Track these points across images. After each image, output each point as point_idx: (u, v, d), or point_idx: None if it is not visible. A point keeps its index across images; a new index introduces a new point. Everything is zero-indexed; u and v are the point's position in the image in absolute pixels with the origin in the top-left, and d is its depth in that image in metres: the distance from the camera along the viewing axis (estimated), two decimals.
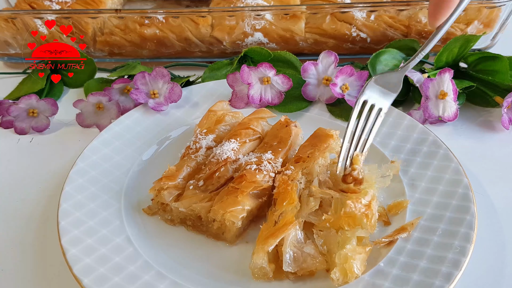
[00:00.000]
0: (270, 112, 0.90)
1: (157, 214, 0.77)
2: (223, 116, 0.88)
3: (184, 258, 0.71)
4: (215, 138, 0.84)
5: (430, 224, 0.71)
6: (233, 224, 0.70)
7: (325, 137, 0.79)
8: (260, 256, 0.65)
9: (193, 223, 0.75)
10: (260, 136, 0.85)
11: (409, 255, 0.67)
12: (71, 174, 0.79)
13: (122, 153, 0.86)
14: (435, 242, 0.68)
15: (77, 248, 0.68)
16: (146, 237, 0.74)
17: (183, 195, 0.75)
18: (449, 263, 0.64)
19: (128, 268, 0.67)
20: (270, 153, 0.78)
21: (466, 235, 0.67)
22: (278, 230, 0.67)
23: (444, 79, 0.91)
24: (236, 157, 0.79)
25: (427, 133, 0.85)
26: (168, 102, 0.94)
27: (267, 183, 0.75)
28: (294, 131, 0.83)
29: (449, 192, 0.75)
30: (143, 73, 0.95)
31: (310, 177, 0.75)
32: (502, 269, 0.70)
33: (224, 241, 0.73)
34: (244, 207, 0.71)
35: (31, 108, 0.96)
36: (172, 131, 0.92)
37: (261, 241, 0.66)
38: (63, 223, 0.71)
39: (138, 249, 0.70)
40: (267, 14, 1.09)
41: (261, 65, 0.94)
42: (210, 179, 0.76)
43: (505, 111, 0.92)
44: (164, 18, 1.10)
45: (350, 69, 0.94)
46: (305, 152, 0.77)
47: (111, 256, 0.68)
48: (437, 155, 0.81)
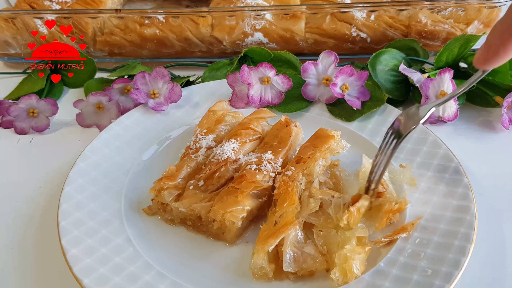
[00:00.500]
0: (270, 112, 0.90)
1: (157, 214, 0.77)
2: (223, 116, 0.88)
3: (185, 258, 0.71)
4: (215, 138, 0.84)
5: (430, 224, 0.71)
6: (233, 224, 0.70)
7: (326, 138, 0.79)
8: (260, 256, 0.65)
9: (193, 223, 0.74)
10: (260, 136, 0.85)
11: (409, 255, 0.67)
12: (71, 174, 0.79)
13: (122, 153, 0.86)
14: (435, 242, 0.68)
15: (77, 248, 0.68)
16: (146, 237, 0.73)
17: (183, 195, 0.75)
18: (449, 263, 0.64)
19: (129, 268, 0.67)
20: (270, 153, 0.78)
21: (466, 235, 0.67)
22: (278, 230, 0.67)
23: (444, 79, 0.91)
24: (236, 157, 0.79)
25: (427, 133, 0.85)
26: (168, 102, 0.94)
27: (267, 183, 0.75)
28: (294, 131, 0.83)
29: (450, 192, 0.75)
30: (143, 73, 0.95)
31: (311, 178, 0.75)
32: (502, 269, 0.70)
33: (224, 241, 0.73)
34: (244, 207, 0.71)
35: (31, 108, 0.96)
36: (172, 131, 0.91)
37: (261, 241, 0.66)
38: (63, 223, 0.71)
39: (138, 249, 0.70)
40: (267, 14, 1.09)
41: (261, 65, 0.94)
42: (210, 179, 0.76)
43: (505, 111, 0.92)
44: (164, 18, 1.10)
45: (350, 69, 0.94)
46: (306, 153, 0.77)
47: (111, 256, 0.68)
48: (437, 155, 0.81)
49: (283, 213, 0.69)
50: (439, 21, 1.09)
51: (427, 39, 1.11)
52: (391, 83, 1.00)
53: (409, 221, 0.72)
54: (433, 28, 1.09)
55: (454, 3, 1.08)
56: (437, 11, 1.09)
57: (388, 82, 1.00)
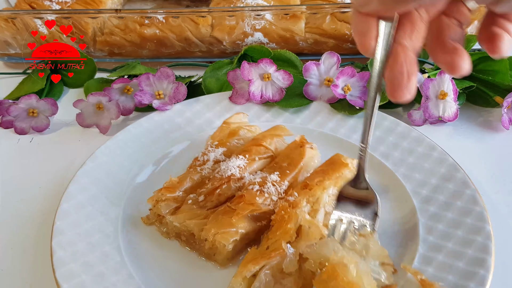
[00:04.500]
0: (287, 130, 0.84)
1: (153, 224, 0.74)
2: (237, 129, 0.83)
3: (170, 276, 0.68)
4: (225, 151, 0.80)
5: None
6: (224, 246, 0.65)
7: (339, 166, 0.74)
8: (238, 280, 0.61)
9: (187, 239, 0.71)
10: (272, 155, 0.79)
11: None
12: (79, 173, 0.78)
13: (132, 157, 0.84)
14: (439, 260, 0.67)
15: (66, 252, 0.66)
16: (137, 248, 0.71)
17: (180, 209, 0.71)
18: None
19: (111, 278, 0.64)
20: (277, 175, 0.73)
21: (483, 245, 0.67)
22: (262, 256, 0.62)
23: (444, 79, 0.91)
24: (241, 175, 0.74)
25: (434, 148, 0.82)
26: (173, 102, 0.94)
27: (267, 206, 0.69)
28: (308, 153, 0.77)
29: (455, 192, 0.75)
30: (147, 74, 0.95)
31: (317, 206, 0.70)
32: (503, 269, 0.70)
33: (215, 262, 0.69)
34: (238, 230, 0.66)
35: (31, 108, 0.96)
36: (189, 139, 0.89)
37: (243, 265, 0.62)
38: (58, 224, 0.70)
39: (125, 259, 0.67)
40: (267, 14, 1.09)
41: (262, 61, 0.94)
42: (211, 195, 0.72)
43: (505, 111, 0.92)
44: (164, 18, 1.10)
45: (351, 70, 0.93)
46: (313, 179, 0.71)
47: (97, 263, 0.66)
48: (445, 163, 0.80)
49: (275, 241, 0.64)
50: None
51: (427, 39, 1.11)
52: None
53: None
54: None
55: None
56: None
57: None
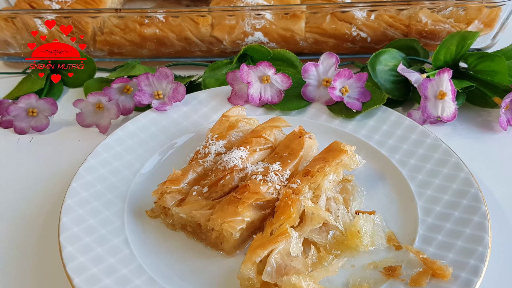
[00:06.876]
0: (285, 121, 0.86)
1: (159, 217, 0.76)
2: (236, 122, 0.85)
3: (179, 265, 0.70)
4: (225, 144, 0.82)
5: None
6: (231, 235, 0.68)
7: (339, 152, 0.75)
8: (248, 266, 0.63)
9: (193, 230, 0.73)
10: (272, 146, 0.82)
11: None
12: (80, 170, 0.79)
13: (134, 152, 0.85)
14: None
15: (74, 246, 0.68)
16: (144, 241, 0.73)
17: (185, 201, 0.74)
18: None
19: (121, 270, 0.66)
20: (279, 164, 0.75)
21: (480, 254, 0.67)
22: (269, 241, 0.64)
23: (443, 79, 0.91)
24: (243, 165, 0.76)
25: (438, 145, 0.83)
26: (172, 102, 0.94)
27: (271, 195, 0.72)
28: (307, 143, 0.79)
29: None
30: (146, 74, 0.95)
31: (318, 192, 0.72)
32: (503, 269, 0.70)
33: (222, 251, 0.71)
34: (244, 218, 0.68)
35: (30, 107, 0.96)
36: (188, 134, 0.90)
37: (251, 251, 0.64)
38: (64, 220, 0.71)
39: (134, 252, 0.69)
40: (267, 13, 1.09)
41: (261, 64, 0.94)
42: (215, 187, 0.74)
43: (503, 111, 0.92)
44: (164, 18, 1.10)
45: (347, 72, 0.93)
46: (314, 166, 0.74)
47: (106, 256, 0.68)
48: (448, 163, 0.80)
49: (279, 225, 0.67)
50: (439, 21, 1.09)
51: (427, 39, 1.11)
52: (391, 83, 1.00)
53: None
54: (433, 28, 1.09)
55: (454, 2, 1.07)
56: (437, 10, 1.09)
57: (388, 82, 1.00)
